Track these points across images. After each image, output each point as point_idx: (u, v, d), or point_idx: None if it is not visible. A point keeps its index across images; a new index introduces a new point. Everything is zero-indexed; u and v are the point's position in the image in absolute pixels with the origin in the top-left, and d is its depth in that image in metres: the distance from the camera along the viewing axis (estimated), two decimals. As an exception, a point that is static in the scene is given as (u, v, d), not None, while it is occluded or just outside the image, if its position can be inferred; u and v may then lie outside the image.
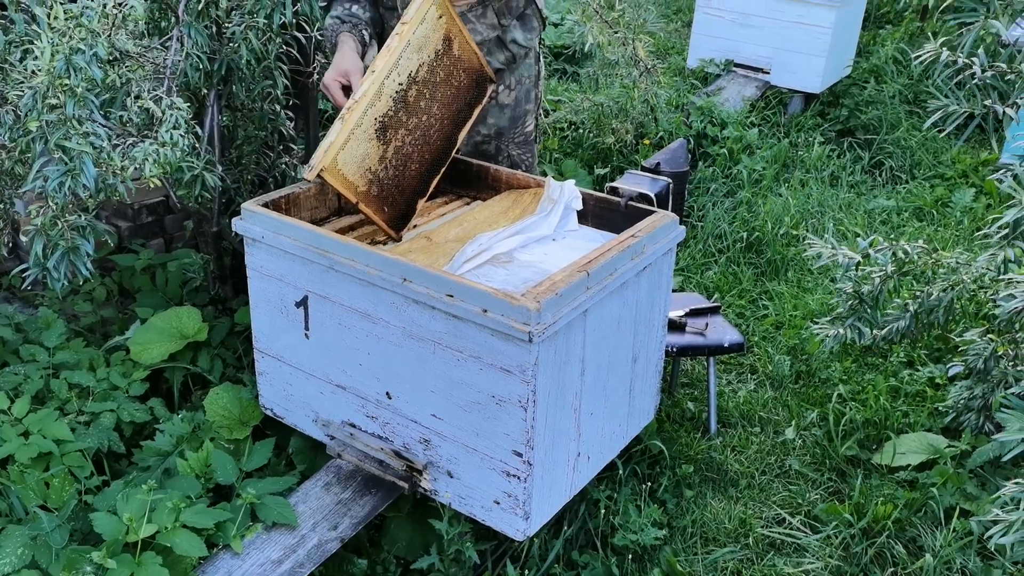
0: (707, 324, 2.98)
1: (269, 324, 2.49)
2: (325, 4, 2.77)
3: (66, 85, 1.92)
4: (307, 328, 2.39)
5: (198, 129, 2.52)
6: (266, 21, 2.68)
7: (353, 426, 2.40)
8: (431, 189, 2.52)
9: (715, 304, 3.12)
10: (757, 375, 3.52)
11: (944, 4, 2.22)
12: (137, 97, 2.16)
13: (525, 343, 1.96)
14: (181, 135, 2.16)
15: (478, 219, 2.52)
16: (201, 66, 2.46)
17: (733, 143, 5.04)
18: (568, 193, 2.54)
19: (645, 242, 2.30)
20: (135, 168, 2.07)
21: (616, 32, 4.84)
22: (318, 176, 2.18)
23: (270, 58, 2.85)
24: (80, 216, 2.07)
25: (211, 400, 2.68)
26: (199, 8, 2.50)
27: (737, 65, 5.95)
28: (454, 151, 2.56)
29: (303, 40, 2.99)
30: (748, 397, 3.35)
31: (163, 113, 2.15)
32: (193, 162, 2.58)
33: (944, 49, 2.12)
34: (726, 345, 2.94)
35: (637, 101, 5.02)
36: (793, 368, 3.51)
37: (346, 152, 2.20)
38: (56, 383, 2.71)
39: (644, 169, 2.67)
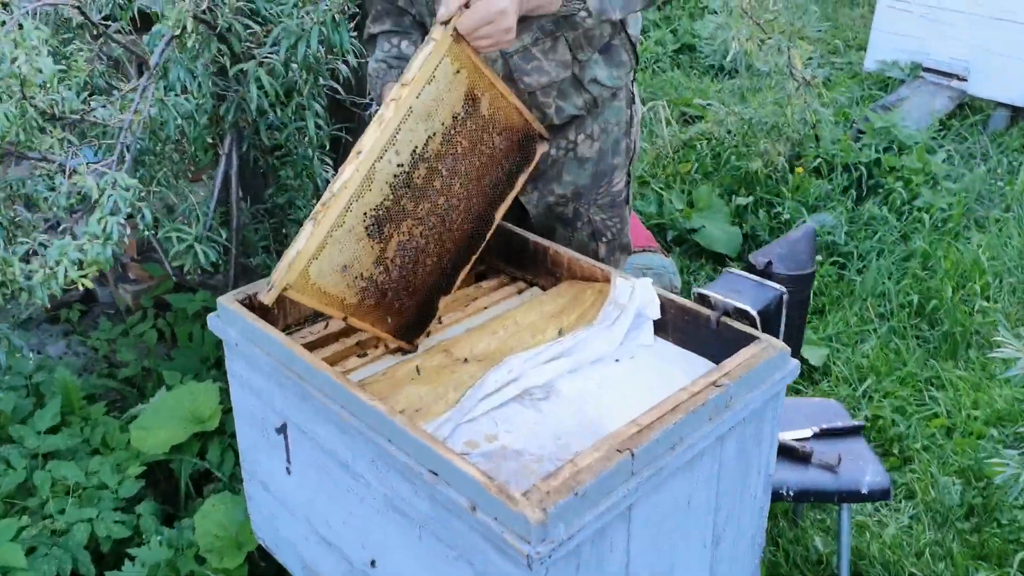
0: (840, 457, 2.24)
1: (252, 444, 1.99)
2: (357, 35, 2.22)
3: (-56, 170, 1.46)
4: (288, 461, 1.87)
5: (174, 195, 2.04)
6: (289, 54, 2.17)
7: (340, 591, 1.86)
8: (457, 284, 1.93)
9: (856, 424, 2.36)
10: (915, 502, 2.72)
11: None
12: (73, 172, 1.68)
13: (524, 566, 1.34)
14: (119, 223, 1.67)
15: (520, 324, 1.91)
16: (175, 115, 1.96)
17: (912, 173, 4.13)
18: (641, 296, 1.88)
19: (734, 391, 1.61)
20: (48, 270, 1.60)
21: (769, 37, 4.04)
22: (283, 295, 1.62)
23: (303, 95, 2.35)
24: (-16, 328, 1.62)
25: (202, 516, 2.22)
26: (192, 44, 2.01)
27: (926, 70, 4.97)
28: (491, 231, 1.95)
29: (348, 71, 2.46)
30: (897, 538, 2.57)
31: (100, 194, 1.67)
32: (183, 230, 2.11)
33: None
34: (864, 492, 2.18)
35: (792, 119, 4.20)
36: (964, 499, 2.68)
37: (322, 260, 1.64)
38: (41, 476, 2.34)
39: (750, 269, 1.96)
